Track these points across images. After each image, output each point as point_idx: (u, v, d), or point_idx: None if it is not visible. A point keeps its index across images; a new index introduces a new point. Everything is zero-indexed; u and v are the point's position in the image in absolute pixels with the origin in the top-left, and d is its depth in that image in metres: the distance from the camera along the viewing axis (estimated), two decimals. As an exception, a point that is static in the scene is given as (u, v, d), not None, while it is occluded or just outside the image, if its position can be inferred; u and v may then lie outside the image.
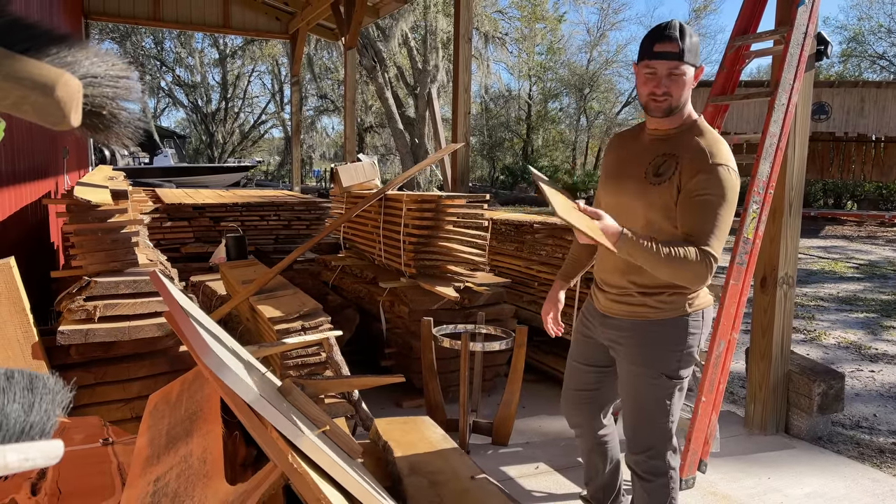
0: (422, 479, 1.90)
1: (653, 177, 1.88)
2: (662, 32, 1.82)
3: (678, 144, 1.88)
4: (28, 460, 0.54)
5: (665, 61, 1.81)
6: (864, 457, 3.26)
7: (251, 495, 1.23)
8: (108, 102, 0.68)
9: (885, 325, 6.24)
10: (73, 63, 0.65)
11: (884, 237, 14.51)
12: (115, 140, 0.71)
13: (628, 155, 2.00)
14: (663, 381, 1.96)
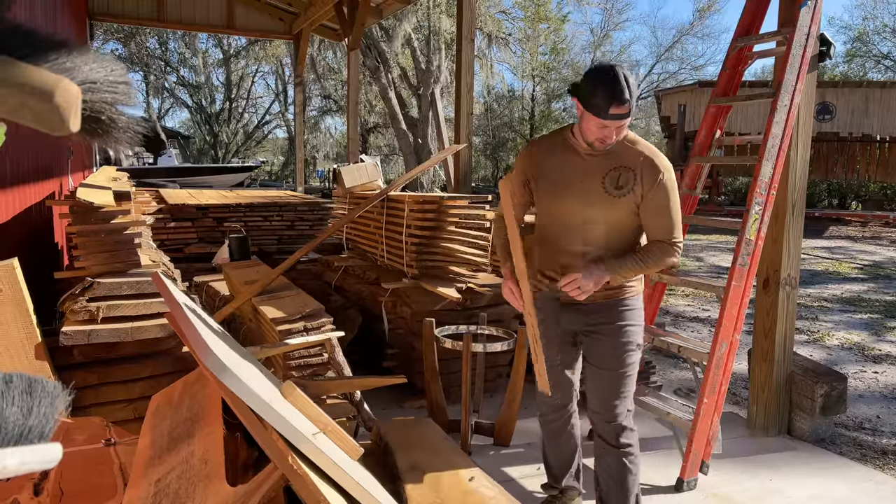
0: (423, 480, 1.90)
1: (614, 189, 2.14)
2: (618, 95, 1.98)
3: (624, 157, 2.15)
4: (26, 464, 0.55)
5: (619, 121, 2.03)
6: (867, 458, 3.25)
7: (251, 497, 1.23)
8: (107, 108, 0.68)
9: (889, 327, 6.22)
10: (72, 69, 0.65)
11: (888, 238, 14.45)
12: (114, 144, 0.71)
13: (571, 166, 2.19)
14: (637, 351, 2.30)
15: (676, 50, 31.08)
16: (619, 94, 1.98)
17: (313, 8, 10.33)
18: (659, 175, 2.13)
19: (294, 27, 11.75)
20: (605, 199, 2.15)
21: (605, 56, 30.63)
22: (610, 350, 2.27)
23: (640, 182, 2.13)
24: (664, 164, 2.15)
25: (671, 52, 31.09)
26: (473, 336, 3.21)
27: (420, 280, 3.75)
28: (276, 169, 36.64)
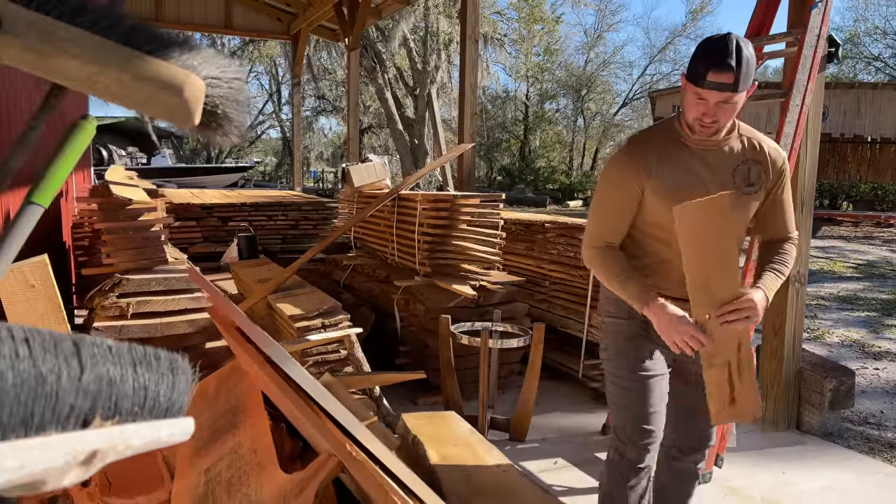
0: (455, 472, 1.94)
1: (746, 186, 1.82)
2: (720, 58, 1.64)
3: (749, 149, 1.84)
4: (174, 435, 0.58)
5: (718, 92, 1.66)
6: (875, 451, 3.31)
7: (310, 483, 1.27)
8: (224, 102, 0.72)
9: (887, 324, 6.31)
10: (196, 66, 0.69)
11: (880, 237, 14.62)
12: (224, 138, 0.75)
13: (691, 164, 1.82)
14: None
15: (669, 51, 31.29)
16: (720, 57, 1.64)
17: (312, 8, 10.36)
18: (784, 167, 1.88)
19: (292, 27, 11.77)
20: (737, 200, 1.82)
21: (599, 57, 30.79)
22: None
23: (769, 176, 1.85)
24: (783, 155, 1.90)
25: (664, 54, 31.28)
26: (489, 333, 3.25)
27: (433, 278, 3.79)
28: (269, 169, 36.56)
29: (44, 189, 0.86)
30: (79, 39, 0.65)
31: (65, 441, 0.41)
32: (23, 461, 0.37)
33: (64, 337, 0.43)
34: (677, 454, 2.10)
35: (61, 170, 0.84)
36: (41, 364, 0.39)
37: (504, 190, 25.29)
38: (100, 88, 0.66)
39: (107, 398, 0.46)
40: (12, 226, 0.85)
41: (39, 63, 0.66)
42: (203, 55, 0.71)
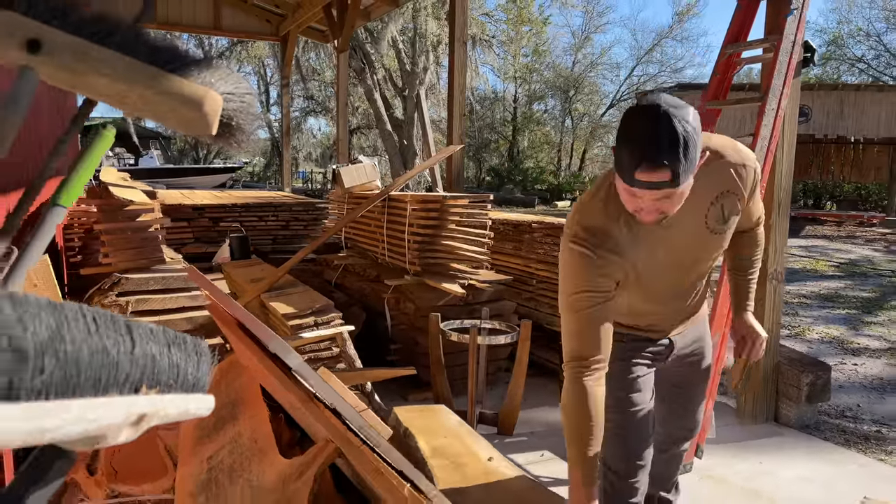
0: (445, 462, 2.02)
1: (720, 225, 1.62)
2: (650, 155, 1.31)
3: (717, 180, 1.58)
4: (199, 409, 0.67)
5: (654, 191, 1.36)
6: (850, 443, 3.43)
7: (309, 467, 1.35)
8: (237, 115, 0.80)
9: (866, 321, 6.47)
10: (214, 82, 0.77)
11: (863, 237, 14.85)
12: (237, 146, 0.83)
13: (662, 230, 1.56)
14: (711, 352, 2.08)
15: (656, 53, 31.56)
16: (651, 153, 1.30)
17: (301, 10, 10.40)
18: (756, 178, 1.66)
19: (281, 29, 11.80)
20: (715, 243, 1.67)
21: (586, 58, 30.98)
22: (704, 362, 2.01)
23: (742, 198, 1.63)
24: (752, 158, 1.64)
25: (651, 55, 31.52)
26: (477, 330, 3.34)
27: (423, 277, 3.88)
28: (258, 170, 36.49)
29: (68, 192, 0.93)
30: (109, 59, 0.73)
31: (122, 403, 0.49)
32: (95, 416, 0.45)
33: (118, 317, 0.52)
34: (669, 445, 2.11)
35: (83, 174, 0.92)
36: (105, 339, 0.47)
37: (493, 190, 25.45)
38: (128, 103, 0.74)
39: (150, 371, 0.54)
40: (41, 225, 0.92)
41: (75, 80, 0.74)
42: (219, 73, 0.79)
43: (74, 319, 0.45)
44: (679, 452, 2.17)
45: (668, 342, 1.90)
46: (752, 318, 1.89)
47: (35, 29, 0.72)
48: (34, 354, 0.38)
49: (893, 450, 3.38)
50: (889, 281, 8.95)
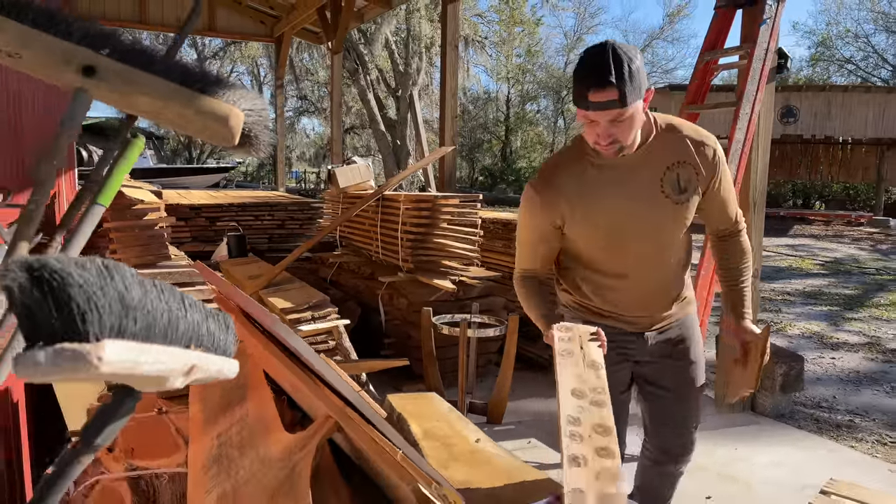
0: (435, 443, 2.17)
1: (677, 194, 1.70)
2: (597, 76, 1.48)
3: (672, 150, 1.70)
4: (231, 371, 0.82)
5: (604, 111, 1.51)
6: (823, 431, 3.61)
7: (311, 440, 1.50)
8: (255, 127, 0.95)
9: (847, 318, 6.66)
10: (236, 100, 0.92)
11: (850, 236, 15.09)
12: (255, 153, 0.98)
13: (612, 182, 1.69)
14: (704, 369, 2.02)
15: (647, 54, 31.79)
16: (598, 74, 1.47)
17: (296, 12, 10.53)
18: (715, 156, 1.72)
19: (275, 30, 11.92)
20: (671, 210, 1.71)
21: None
22: (693, 370, 1.97)
23: (701, 173, 1.71)
24: (712, 139, 1.74)
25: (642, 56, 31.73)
26: (467, 323, 3.49)
27: (415, 273, 4.03)
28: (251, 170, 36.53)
29: (105, 192, 1.08)
30: (152, 83, 0.88)
31: (181, 353, 0.64)
32: (165, 360, 0.60)
33: (174, 289, 0.67)
34: (662, 459, 2.08)
35: (119, 176, 1.07)
36: (170, 303, 0.62)
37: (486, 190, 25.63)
38: (165, 119, 0.89)
39: (197, 333, 0.69)
40: (81, 222, 1.07)
41: (122, 100, 0.89)
42: (240, 92, 0.94)
43: (151, 286, 0.61)
44: (673, 471, 2.10)
45: (638, 336, 1.90)
46: (749, 325, 1.87)
47: (89, 57, 0.87)
48: (133, 308, 0.53)
49: (864, 437, 3.56)
50: (872, 279, 9.16)
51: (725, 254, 1.91)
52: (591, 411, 1.43)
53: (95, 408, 2.14)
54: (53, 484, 0.66)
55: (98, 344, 0.47)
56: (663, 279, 1.85)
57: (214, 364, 0.75)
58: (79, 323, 0.47)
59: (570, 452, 1.32)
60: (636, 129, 1.61)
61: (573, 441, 1.35)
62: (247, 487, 1.47)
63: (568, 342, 1.58)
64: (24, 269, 0.45)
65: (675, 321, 1.93)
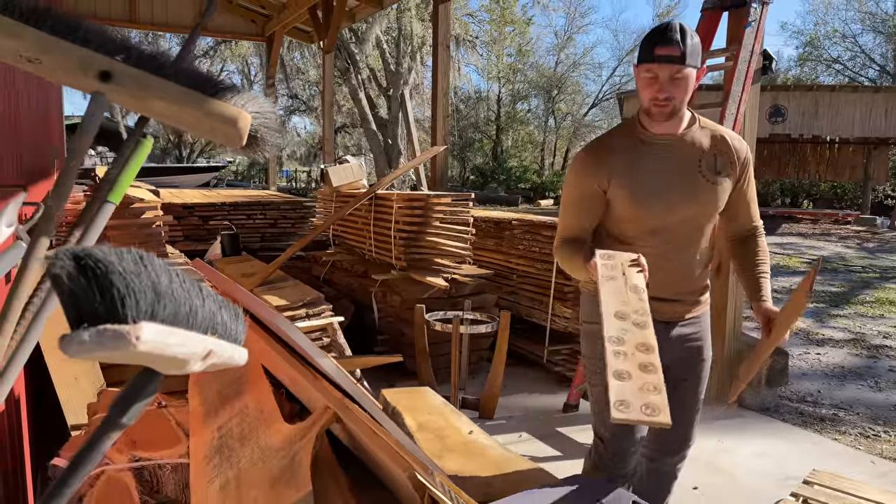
0: (429, 434, 2.23)
1: (713, 175, 1.85)
2: (664, 35, 1.73)
3: (712, 139, 1.87)
4: (242, 358, 0.87)
5: (667, 65, 1.73)
6: (807, 424, 3.69)
7: (310, 430, 1.55)
8: (262, 129, 1.00)
9: (833, 314, 6.77)
10: (244, 104, 0.97)
11: (837, 234, 15.26)
12: (261, 154, 1.03)
13: (657, 157, 1.85)
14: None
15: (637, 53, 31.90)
16: (666, 34, 1.73)
17: (287, 11, 10.55)
18: (747, 157, 1.90)
19: (266, 29, 11.93)
20: (706, 190, 1.85)
21: (569, 58, 31.33)
22: (704, 367, 2.06)
23: (735, 165, 1.88)
24: (746, 144, 1.94)
25: (633, 55, 31.92)
26: (460, 320, 3.55)
27: (408, 271, 4.08)
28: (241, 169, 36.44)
29: (115, 191, 1.13)
30: (165, 87, 0.93)
31: (200, 338, 0.69)
32: (188, 343, 0.65)
33: (193, 280, 0.72)
34: (657, 456, 2.12)
35: (128, 176, 1.12)
36: (191, 291, 0.68)
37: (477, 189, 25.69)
38: (180, 121, 0.94)
39: (212, 320, 0.75)
40: (92, 220, 1.12)
41: (138, 104, 0.94)
42: (248, 96, 0.99)
43: (175, 276, 0.66)
44: (668, 470, 2.13)
45: (664, 325, 1.93)
46: (772, 306, 1.92)
47: (106, 63, 0.92)
48: (163, 295, 0.58)
49: (847, 430, 3.64)
50: (858, 276, 9.30)
51: (746, 251, 2.00)
52: (633, 332, 1.46)
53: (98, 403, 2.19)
54: (83, 459, 0.71)
55: (136, 325, 0.52)
56: (694, 263, 1.94)
57: (227, 351, 0.80)
58: (119, 307, 0.52)
59: (614, 368, 1.35)
60: (688, 94, 1.79)
61: (617, 358, 1.38)
62: (249, 475, 1.53)
63: (611, 269, 1.63)
64: (71, 259, 0.51)
65: (696, 317, 2.00)
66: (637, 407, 1.26)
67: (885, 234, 15.21)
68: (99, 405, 2.32)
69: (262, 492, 1.46)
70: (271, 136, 1.02)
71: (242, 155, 1.03)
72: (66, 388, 2.30)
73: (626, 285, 1.59)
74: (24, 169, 2.65)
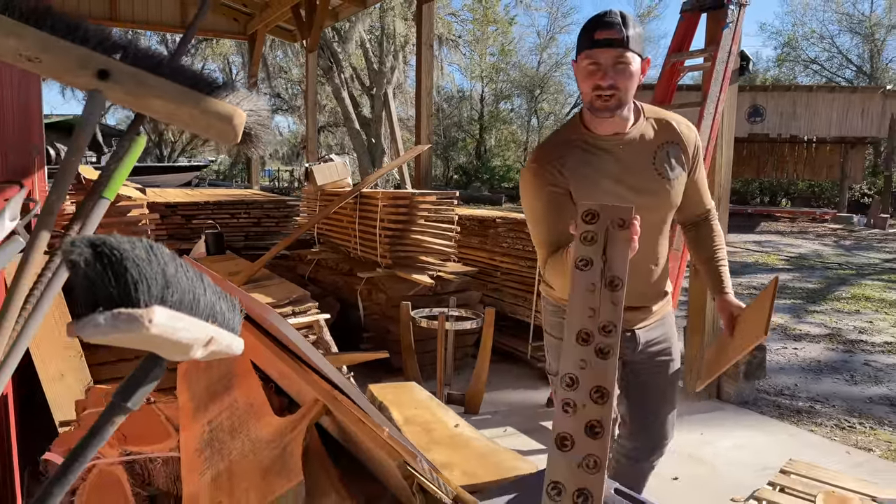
0: (416, 428, 2.27)
1: (669, 171, 1.77)
2: (602, 19, 1.64)
3: (661, 131, 1.79)
4: (239, 347, 0.91)
5: (609, 49, 1.62)
6: (784, 416, 3.78)
7: (301, 422, 1.58)
8: (256, 127, 1.03)
9: (810, 310, 6.91)
10: (239, 102, 1.00)
11: (814, 232, 15.52)
12: (255, 150, 1.06)
13: (606, 160, 1.75)
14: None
15: (619, 53, 32.12)
16: (603, 17, 1.64)
17: (269, 9, 10.51)
18: (697, 142, 1.85)
19: (249, 28, 11.88)
20: (663, 187, 1.77)
21: (552, 58, 31.50)
22: (674, 366, 2.03)
23: (687, 153, 1.81)
24: (693, 127, 1.87)
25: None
26: (445, 316, 3.59)
27: (394, 269, 4.11)
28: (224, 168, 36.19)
29: (110, 187, 1.16)
30: (163, 86, 0.96)
31: (203, 325, 0.73)
32: (192, 328, 0.68)
33: (196, 270, 0.76)
34: (640, 456, 2.11)
35: (122, 172, 1.15)
36: (195, 281, 0.71)
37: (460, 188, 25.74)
38: (176, 119, 0.97)
39: (212, 309, 0.78)
40: (89, 216, 1.14)
41: (135, 102, 0.96)
42: (242, 94, 1.02)
43: (180, 265, 0.69)
44: (649, 466, 2.14)
45: (630, 334, 1.91)
46: (735, 299, 1.93)
47: (104, 61, 0.95)
48: (171, 282, 0.62)
49: (823, 422, 3.74)
50: (835, 273, 9.48)
51: (701, 238, 1.99)
52: (593, 365, 1.16)
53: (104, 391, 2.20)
54: (88, 444, 0.74)
55: (149, 309, 0.56)
56: (656, 264, 1.88)
57: (226, 339, 0.83)
58: (133, 291, 0.55)
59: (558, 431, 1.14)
60: (633, 84, 1.68)
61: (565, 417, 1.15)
62: (240, 467, 1.55)
63: (589, 242, 1.23)
64: (88, 246, 0.54)
65: (660, 318, 1.97)
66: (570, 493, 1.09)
67: (861, 231, 15.49)
68: (87, 401, 2.33)
69: (254, 482, 1.49)
70: (265, 133, 1.05)
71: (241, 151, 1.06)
72: (52, 384, 2.31)
73: (603, 278, 1.22)
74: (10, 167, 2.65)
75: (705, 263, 1.99)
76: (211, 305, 0.77)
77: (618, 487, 1.75)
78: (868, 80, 28.03)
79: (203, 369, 2.25)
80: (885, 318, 6.60)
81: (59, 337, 2.40)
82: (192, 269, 0.73)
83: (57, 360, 2.40)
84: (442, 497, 1.44)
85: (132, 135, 1.03)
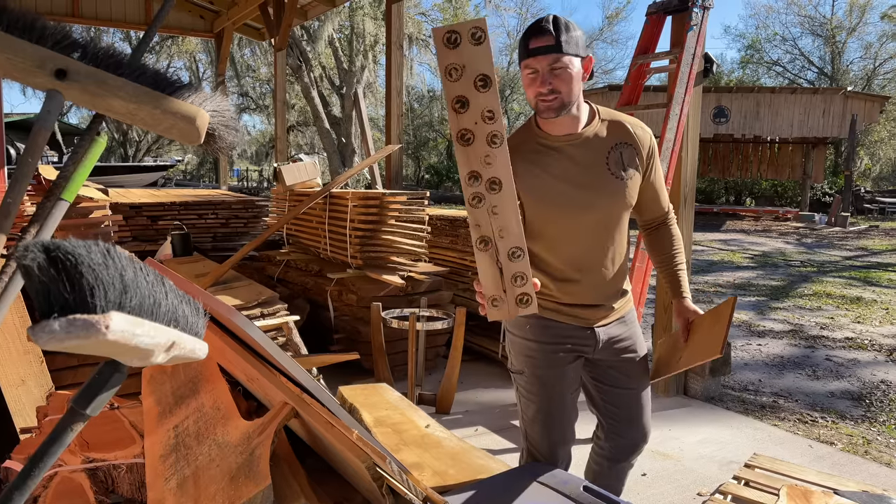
0: (386, 429, 2.26)
1: (622, 171, 1.80)
2: (535, 28, 1.69)
3: (613, 132, 1.82)
4: (203, 351, 0.89)
5: (543, 56, 1.67)
6: (749, 411, 3.86)
7: (269, 425, 1.57)
8: (219, 127, 1.02)
9: (773, 307, 7.06)
10: (202, 102, 0.99)
11: (777, 230, 15.87)
12: (219, 149, 1.05)
13: (561, 161, 1.79)
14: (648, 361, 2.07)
15: (588, 54, 32.43)
16: (536, 26, 1.69)
17: (237, 7, 10.38)
18: (652, 144, 1.87)
19: (216, 26, 11.71)
20: (616, 187, 1.80)
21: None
22: (642, 363, 2.02)
23: (641, 156, 1.84)
24: (648, 128, 1.89)
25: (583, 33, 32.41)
26: (416, 317, 3.59)
27: (364, 269, 4.10)
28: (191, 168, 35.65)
29: (69, 189, 1.13)
30: (123, 86, 0.94)
31: (164, 329, 0.71)
32: (153, 334, 0.67)
33: (157, 274, 0.74)
34: (621, 457, 2.11)
35: (82, 174, 1.12)
36: (155, 286, 0.70)
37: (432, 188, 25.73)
38: (137, 119, 0.95)
39: (175, 314, 0.77)
40: (47, 217, 1.12)
41: (94, 101, 0.94)
42: (205, 95, 1.01)
43: (140, 269, 0.68)
44: (628, 465, 2.15)
45: (590, 331, 1.91)
46: (692, 304, 1.99)
47: (61, 61, 0.93)
48: (129, 287, 0.60)
49: (786, 416, 3.82)
50: (797, 271, 9.70)
51: (659, 241, 2.02)
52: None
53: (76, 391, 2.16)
54: (46, 451, 0.73)
55: (106, 315, 0.55)
56: (613, 263, 1.89)
57: (189, 343, 0.82)
58: (88, 297, 0.54)
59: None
60: (575, 85, 1.72)
61: None
62: (206, 472, 1.53)
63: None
64: (41, 251, 0.53)
65: (621, 316, 1.97)
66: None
67: (822, 230, 15.89)
68: (48, 407, 2.27)
69: (221, 487, 1.47)
70: (229, 133, 1.04)
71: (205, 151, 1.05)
72: (13, 390, 2.25)
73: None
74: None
75: (663, 267, 2.03)
76: (172, 309, 0.75)
77: (587, 485, 1.76)
78: (829, 81, 28.77)
79: (169, 373, 2.21)
80: (845, 314, 6.78)
81: (19, 342, 2.34)
82: (152, 273, 0.71)
83: (17, 365, 2.34)
84: (411, 498, 1.44)
85: (91, 135, 1.01)
